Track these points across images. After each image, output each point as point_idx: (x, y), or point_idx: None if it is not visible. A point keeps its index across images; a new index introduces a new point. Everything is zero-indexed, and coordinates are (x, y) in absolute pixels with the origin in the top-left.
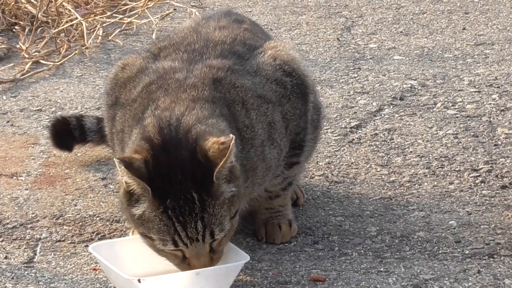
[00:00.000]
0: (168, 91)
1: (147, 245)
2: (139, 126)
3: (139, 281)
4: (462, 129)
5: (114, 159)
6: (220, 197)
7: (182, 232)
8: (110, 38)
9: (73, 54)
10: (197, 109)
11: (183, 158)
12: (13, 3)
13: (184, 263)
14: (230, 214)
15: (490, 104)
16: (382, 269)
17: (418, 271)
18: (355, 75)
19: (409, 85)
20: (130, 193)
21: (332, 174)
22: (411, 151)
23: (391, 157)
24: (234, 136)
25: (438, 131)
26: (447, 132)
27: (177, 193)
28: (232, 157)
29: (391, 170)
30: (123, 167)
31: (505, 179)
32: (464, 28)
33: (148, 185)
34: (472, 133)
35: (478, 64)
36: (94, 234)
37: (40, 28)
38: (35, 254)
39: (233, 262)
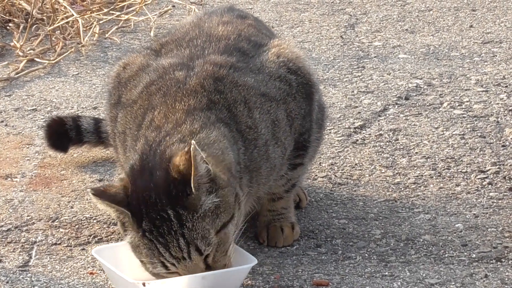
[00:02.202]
0: (166, 97)
1: (147, 271)
2: (133, 150)
3: (144, 284)
4: (469, 129)
5: (89, 191)
6: (199, 210)
7: (166, 253)
8: (107, 35)
9: (69, 52)
10: (187, 123)
11: (157, 179)
12: None
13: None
14: (215, 227)
15: (497, 104)
16: (386, 273)
17: (424, 275)
18: (359, 74)
19: (415, 84)
20: (123, 224)
21: (335, 176)
22: (416, 152)
23: (396, 158)
24: (194, 142)
25: (445, 132)
26: (454, 133)
27: (152, 214)
28: (200, 162)
29: (396, 172)
30: (91, 195)
31: None
32: (471, 26)
33: (125, 209)
34: (479, 134)
35: (486, 63)
36: (91, 237)
37: (35, 25)
38: (31, 258)
39: (240, 265)
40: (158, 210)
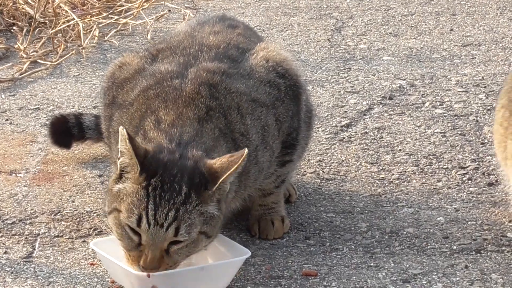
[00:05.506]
0: (167, 102)
1: (110, 224)
2: (142, 136)
3: (148, 276)
4: (450, 127)
5: (120, 127)
6: (203, 206)
7: (151, 211)
8: (106, 38)
9: (70, 54)
10: (205, 137)
11: (185, 162)
12: (11, 4)
13: (136, 250)
14: (200, 228)
15: (477, 103)
16: (372, 264)
17: (407, 266)
18: (346, 75)
19: (398, 85)
20: (121, 173)
21: (323, 172)
22: (400, 149)
23: (380, 155)
24: (246, 150)
25: (426, 130)
26: (435, 131)
27: (166, 178)
28: (236, 172)
29: (381, 168)
30: (125, 133)
31: (491, 176)
32: (451, 29)
33: (138, 163)
34: (459, 132)
35: (465, 65)
36: (92, 229)
37: (37, 29)
38: (34, 249)
39: (235, 257)
40: (173, 181)
